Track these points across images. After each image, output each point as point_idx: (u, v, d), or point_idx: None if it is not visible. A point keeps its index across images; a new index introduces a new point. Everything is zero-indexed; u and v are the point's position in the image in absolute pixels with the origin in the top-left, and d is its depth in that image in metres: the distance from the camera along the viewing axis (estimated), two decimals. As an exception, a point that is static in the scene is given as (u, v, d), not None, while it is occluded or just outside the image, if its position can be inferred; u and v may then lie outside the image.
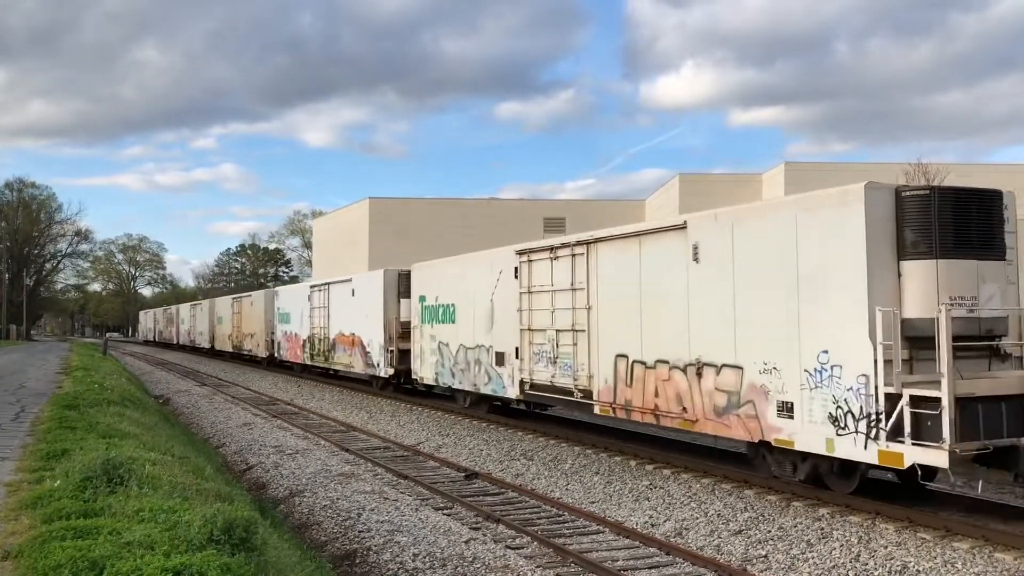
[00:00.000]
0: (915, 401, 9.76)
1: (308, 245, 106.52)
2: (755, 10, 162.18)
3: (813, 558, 9.39)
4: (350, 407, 25.39)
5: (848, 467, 11.18)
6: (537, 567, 9.10)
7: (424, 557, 9.35)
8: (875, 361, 10.07)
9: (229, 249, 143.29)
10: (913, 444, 9.72)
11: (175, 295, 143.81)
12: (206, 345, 56.10)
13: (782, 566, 9.23)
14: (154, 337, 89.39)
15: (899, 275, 10.50)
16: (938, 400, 9.55)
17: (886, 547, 9.62)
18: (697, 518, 11.21)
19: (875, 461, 10.20)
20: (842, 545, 9.76)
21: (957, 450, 9.41)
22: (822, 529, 10.42)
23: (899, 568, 8.93)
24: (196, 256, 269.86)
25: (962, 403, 9.59)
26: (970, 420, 9.66)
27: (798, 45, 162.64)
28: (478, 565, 9.02)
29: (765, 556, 9.56)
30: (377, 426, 21.13)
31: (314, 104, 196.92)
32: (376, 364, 27.31)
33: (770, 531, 10.45)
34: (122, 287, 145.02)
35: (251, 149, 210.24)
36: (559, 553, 9.75)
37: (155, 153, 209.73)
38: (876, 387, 10.07)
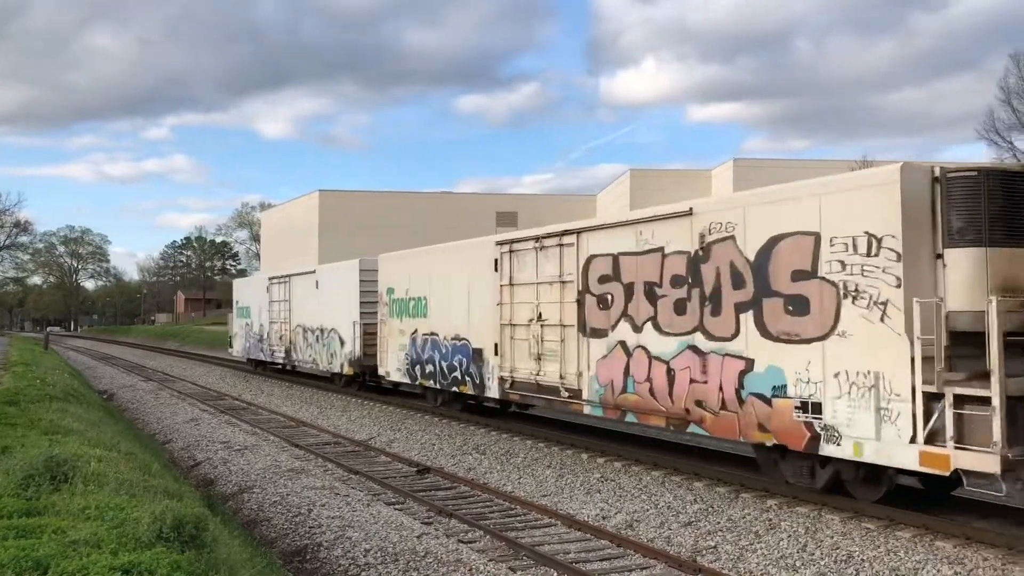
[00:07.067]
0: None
1: (256, 238, 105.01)
2: (724, 6, 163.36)
3: (761, 549, 9.55)
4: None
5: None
6: (490, 560, 9.11)
7: (376, 552, 9.31)
8: None
9: (175, 242, 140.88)
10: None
11: (119, 289, 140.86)
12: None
13: (731, 557, 9.37)
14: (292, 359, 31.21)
15: None
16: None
17: (832, 537, 9.83)
18: (648, 510, 11.33)
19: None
20: (790, 536, 9.94)
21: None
22: (770, 520, 10.60)
23: (844, 557, 9.12)
24: (144, 249, 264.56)
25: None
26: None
27: (762, 41, 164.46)
28: (430, 559, 9.01)
29: (714, 547, 9.69)
30: (328, 421, 20.97)
31: (272, 94, 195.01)
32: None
33: (719, 522, 10.60)
34: (63, 280, 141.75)
35: (205, 140, 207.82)
36: (511, 547, 9.78)
37: (106, 143, 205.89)
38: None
